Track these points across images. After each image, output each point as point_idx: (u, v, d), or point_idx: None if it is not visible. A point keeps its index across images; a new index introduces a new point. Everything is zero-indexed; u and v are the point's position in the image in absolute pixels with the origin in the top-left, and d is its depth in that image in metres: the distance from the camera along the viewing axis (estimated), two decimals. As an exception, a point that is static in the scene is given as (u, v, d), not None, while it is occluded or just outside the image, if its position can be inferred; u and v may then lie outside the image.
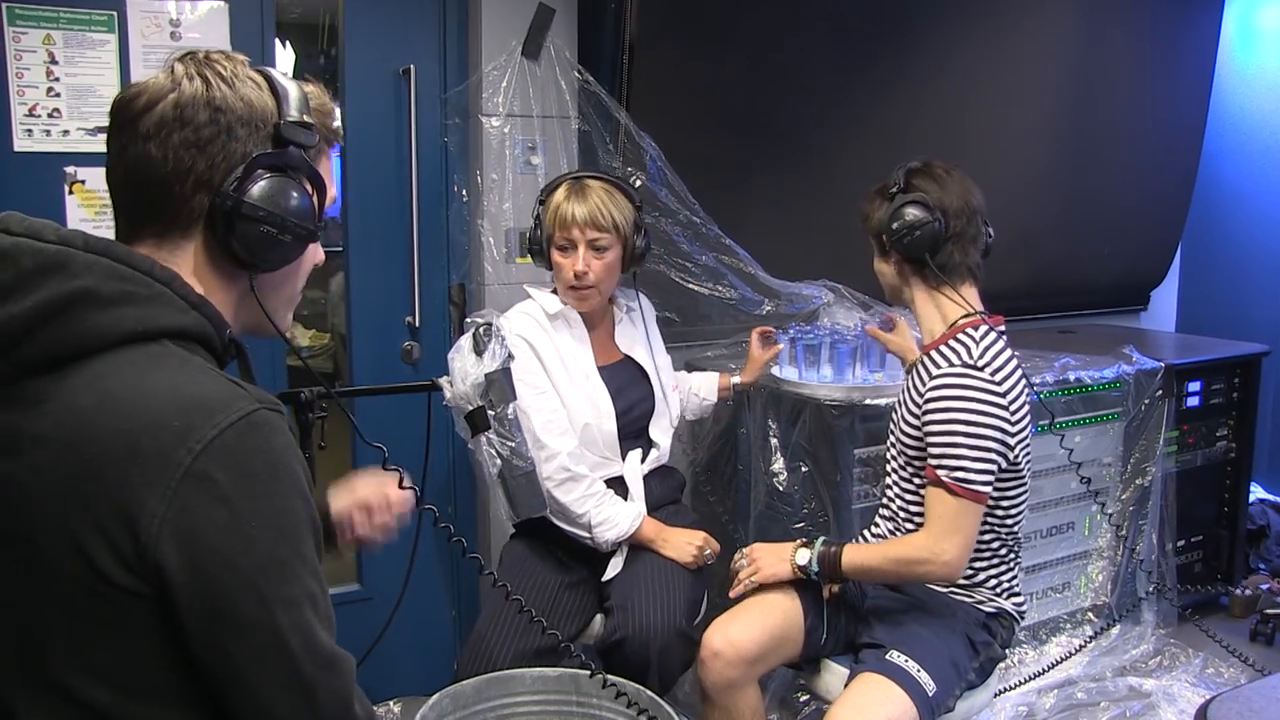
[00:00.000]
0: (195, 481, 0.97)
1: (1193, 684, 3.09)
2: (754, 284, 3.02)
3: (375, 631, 2.66)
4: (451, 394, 2.34)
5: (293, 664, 1.03)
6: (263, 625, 1.01)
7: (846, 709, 1.94)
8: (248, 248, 1.12)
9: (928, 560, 2.00)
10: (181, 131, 1.08)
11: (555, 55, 2.92)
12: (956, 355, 2.07)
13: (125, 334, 1.03)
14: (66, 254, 1.03)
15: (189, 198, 1.10)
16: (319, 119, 1.20)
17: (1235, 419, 3.66)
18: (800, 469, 2.81)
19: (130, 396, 1.00)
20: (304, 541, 1.05)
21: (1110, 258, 4.16)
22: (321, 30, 3.18)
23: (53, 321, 1.01)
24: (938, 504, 2.01)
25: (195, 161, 1.09)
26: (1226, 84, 4.29)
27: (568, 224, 2.32)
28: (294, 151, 1.15)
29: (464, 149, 2.95)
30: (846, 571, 2.08)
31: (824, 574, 2.10)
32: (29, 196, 2.42)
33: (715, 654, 2.10)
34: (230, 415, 1.00)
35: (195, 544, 0.97)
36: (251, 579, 1.00)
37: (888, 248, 2.14)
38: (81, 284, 1.02)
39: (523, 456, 2.26)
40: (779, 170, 3.23)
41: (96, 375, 1.02)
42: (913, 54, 3.38)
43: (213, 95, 1.09)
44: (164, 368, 1.03)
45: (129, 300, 1.04)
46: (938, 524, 2.00)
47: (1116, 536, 3.29)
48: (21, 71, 2.41)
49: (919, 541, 2.03)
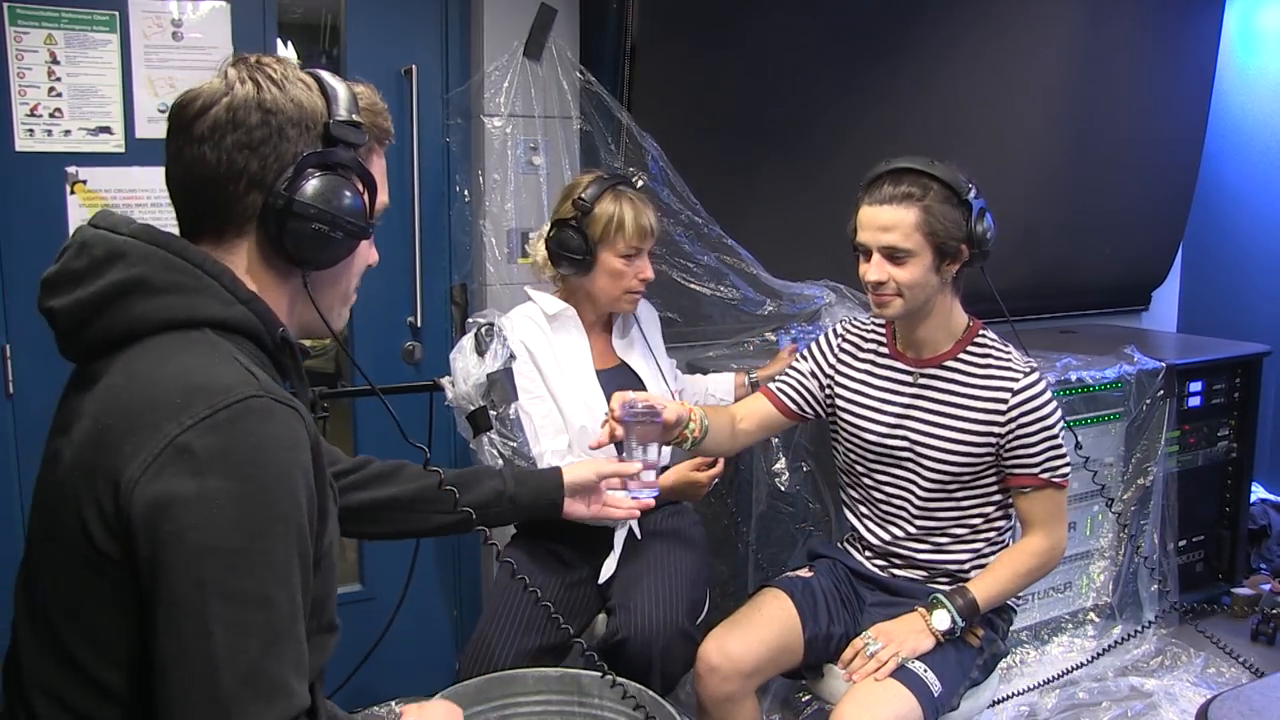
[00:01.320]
0: (175, 452, 0.98)
1: (1194, 684, 3.09)
2: (756, 284, 3.02)
3: (377, 632, 2.68)
4: (453, 394, 2.35)
5: (210, 665, 0.95)
6: (191, 610, 0.95)
7: (853, 708, 1.93)
8: (299, 245, 1.15)
9: (1052, 560, 2.11)
10: (235, 134, 1.11)
11: (557, 55, 2.92)
12: (1008, 364, 2.08)
13: (169, 320, 1.07)
14: (130, 244, 1.09)
15: (242, 197, 1.13)
16: (369, 118, 1.23)
17: (1236, 419, 3.67)
18: (802, 469, 2.81)
19: (148, 376, 1.04)
20: (274, 538, 1.00)
21: (1112, 258, 4.15)
22: (323, 30, 3.18)
23: (110, 306, 1.07)
24: (1047, 504, 2.09)
25: (248, 162, 1.12)
26: (1227, 85, 4.28)
27: (646, 234, 2.36)
28: (343, 150, 1.17)
29: (466, 149, 2.95)
30: (985, 605, 2.09)
31: (968, 618, 2.07)
32: (31, 196, 2.42)
33: (712, 669, 2.07)
34: (229, 397, 1.01)
35: (158, 509, 0.97)
36: (195, 556, 0.96)
37: (964, 256, 2.02)
38: (138, 272, 1.07)
39: (524, 456, 2.26)
40: (781, 170, 3.23)
41: (133, 357, 1.06)
42: (916, 54, 3.38)
43: (264, 98, 1.12)
44: (189, 352, 1.06)
45: (177, 289, 1.08)
46: (1052, 521, 2.10)
47: (1120, 536, 3.29)
48: (23, 71, 2.41)
49: (1037, 545, 2.10)
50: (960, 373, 2.10)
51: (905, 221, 1.97)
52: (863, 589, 2.25)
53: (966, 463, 2.09)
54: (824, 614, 2.15)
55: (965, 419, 2.08)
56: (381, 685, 2.98)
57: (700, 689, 2.10)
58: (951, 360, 2.11)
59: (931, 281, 2.02)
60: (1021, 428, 2.03)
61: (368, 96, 1.26)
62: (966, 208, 1.98)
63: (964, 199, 1.98)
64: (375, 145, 1.27)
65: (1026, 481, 2.07)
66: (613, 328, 2.51)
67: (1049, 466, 2.06)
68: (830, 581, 2.22)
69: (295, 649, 1.02)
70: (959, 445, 2.08)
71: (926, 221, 1.96)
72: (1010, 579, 2.10)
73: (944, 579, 2.19)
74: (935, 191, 1.97)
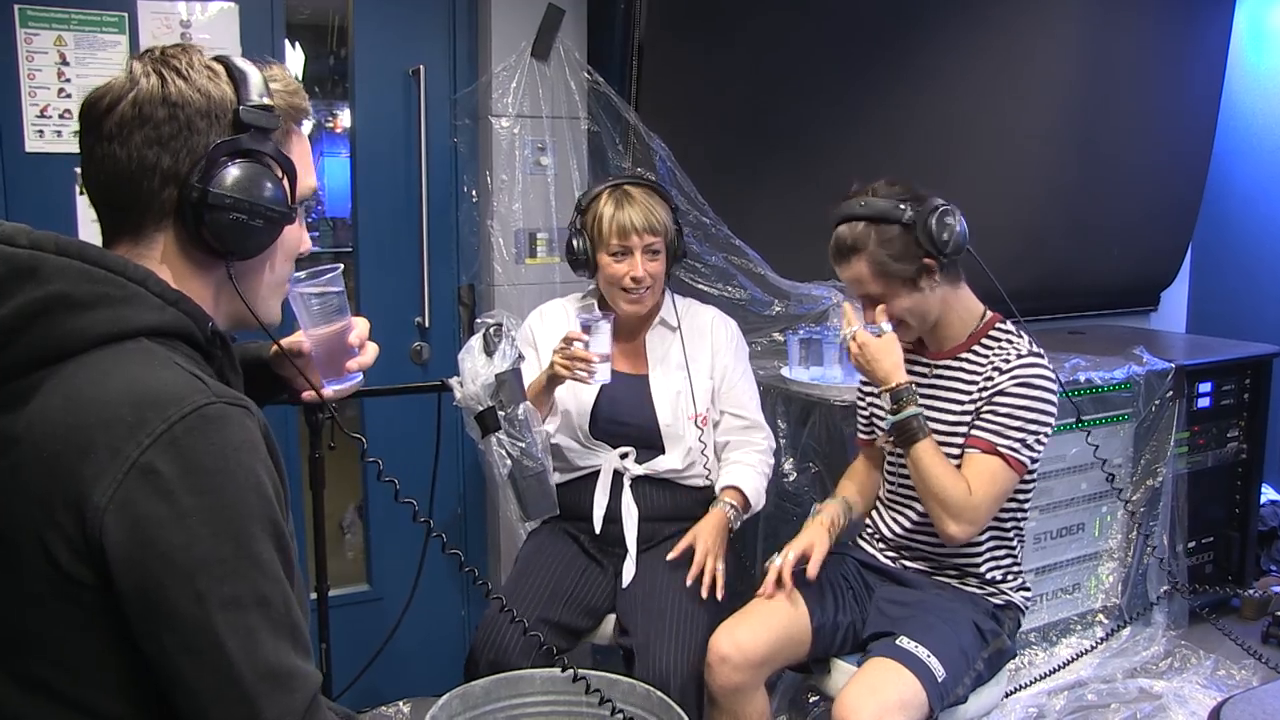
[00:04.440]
0: (140, 474, 0.97)
1: (1204, 686, 3.08)
2: (763, 285, 3.02)
3: (385, 632, 2.68)
4: (461, 394, 2.34)
5: (231, 670, 0.99)
6: (198, 623, 0.98)
7: (858, 690, 1.95)
8: (218, 236, 1.12)
9: (961, 512, 2.01)
10: (142, 130, 1.09)
11: (565, 56, 2.92)
12: (1015, 347, 2.09)
13: (101, 336, 1.04)
14: (38, 259, 1.04)
15: (158, 193, 1.11)
16: (283, 99, 1.20)
17: (1246, 420, 3.65)
18: (810, 469, 2.81)
19: (92, 394, 1.01)
20: (255, 540, 1.01)
21: (1120, 258, 4.14)
22: (331, 31, 3.19)
23: (30, 328, 1.03)
24: (985, 469, 2.03)
25: (160, 158, 1.09)
26: (1237, 85, 4.27)
27: (627, 231, 2.33)
28: (256, 135, 1.14)
29: (473, 149, 2.95)
30: (912, 453, 2.04)
31: (897, 436, 2.07)
32: (40, 197, 2.43)
33: (722, 658, 2.10)
34: (183, 408, 0.99)
35: (135, 536, 0.96)
36: (188, 574, 0.97)
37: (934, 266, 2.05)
38: (55, 289, 1.03)
39: (533, 457, 2.26)
40: (788, 171, 3.22)
41: (67, 375, 1.03)
42: (924, 55, 3.37)
43: (168, 91, 1.10)
44: (129, 364, 1.04)
45: (104, 302, 1.05)
46: (982, 486, 2.02)
47: (1129, 537, 3.29)
48: (33, 73, 2.42)
49: (962, 493, 2.01)
50: (971, 363, 2.14)
51: (862, 273, 2.08)
52: (872, 579, 2.28)
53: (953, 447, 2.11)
54: (831, 604, 2.18)
55: (967, 405, 2.10)
56: (389, 685, 2.98)
57: (711, 679, 2.12)
58: (965, 351, 2.15)
59: (920, 300, 2.09)
60: (1000, 395, 2.04)
61: (281, 77, 1.21)
62: (907, 227, 2.02)
63: (901, 221, 2.01)
64: (293, 126, 1.23)
65: (977, 443, 2.05)
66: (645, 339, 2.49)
67: (1006, 440, 2.02)
68: (838, 573, 2.25)
69: (297, 634, 1.05)
70: (948, 430, 2.12)
71: (875, 265, 2.05)
72: (938, 473, 2.02)
73: (952, 571, 2.21)
74: (872, 233, 2.04)
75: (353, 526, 3.68)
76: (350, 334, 1.50)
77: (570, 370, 2.22)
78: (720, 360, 2.50)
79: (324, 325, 1.46)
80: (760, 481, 2.44)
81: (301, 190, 1.23)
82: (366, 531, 3.07)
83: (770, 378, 2.90)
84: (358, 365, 1.54)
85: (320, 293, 1.43)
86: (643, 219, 2.34)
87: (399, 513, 2.84)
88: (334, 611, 2.64)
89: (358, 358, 1.54)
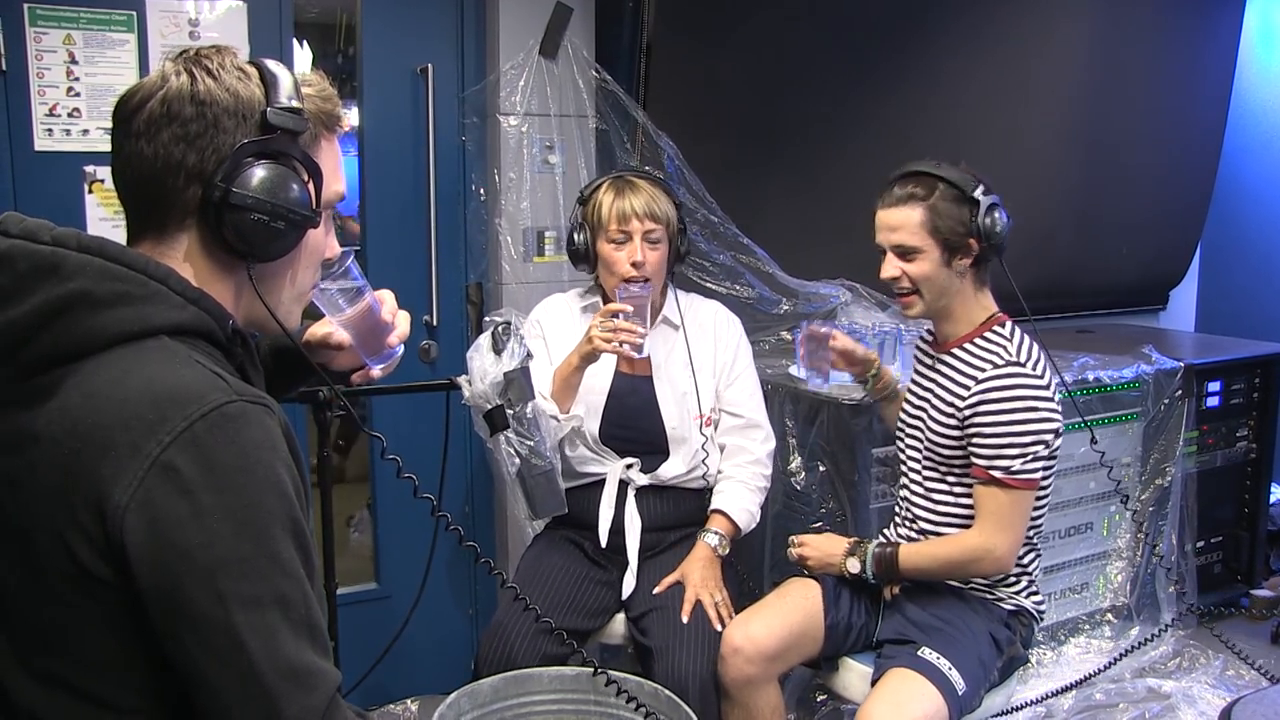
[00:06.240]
0: (161, 472, 0.97)
1: (1212, 686, 3.07)
2: (772, 283, 3.01)
3: (393, 630, 2.68)
4: (470, 393, 2.34)
5: (252, 669, 0.99)
6: (219, 623, 0.98)
7: (882, 704, 1.95)
8: (240, 236, 1.12)
9: (981, 558, 2.05)
10: (170, 127, 1.09)
11: (573, 54, 2.92)
12: (996, 355, 2.08)
13: (122, 333, 1.04)
14: (60, 255, 1.04)
15: (182, 191, 1.10)
16: (315, 104, 1.19)
17: (1255, 419, 3.64)
18: (818, 468, 2.80)
19: (112, 392, 1.01)
20: (275, 539, 1.01)
21: (1129, 257, 4.13)
22: (339, 30, 3.19)
23: (51, 325, 1.03)
24: (990, 501, 2.04)
25: (185, 156, 1.09)
26: (1247, 83, 4.26)
27: (626, 216, 2.32)
28: (283, 138, 1.14)
29: (481, 148, 2.95)
30: (903, 574, 2.12)
31: (881, 578, 2.14)
32: (49, 196, 2.44)
33: (735, 650, 2.11)
34: (203, 406, 0.99)
35: (155, 535, 0.97)
36: (209, 574, 0.97)
37: (974, 249, 2.07)
38: (76, 286, 1.03)
39: (541, 455, 2.26)
40: (797, 169, 3.22)
41: (89, 373, 1.03)
42: (932, 53, 3.36)
43: (197, 89, 1.10)
44: (149, 362, 1.04)
45: (125, 300, 1.05)
46: (990, 520, 2.04)
47: (1137, 536, 3.28)
48: (42, 71, 2.43)
49: (971, 541, 2.06)
50: (960, 359, 2.13)
51: (911, 220, 2.07)
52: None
53: (945, 445, 2.12)
54: (846, 604, 2.19)
55: (948, 403, 2.11)
56: (397, 684, 2.98)
57: (723, 671, 2.13)
58: (959, 347, 2.15)
59: (944, 275, 2.09)
60: (978, 415, 2.04)
61: (315, 83, 1.22)
62: (973, 204, 2.05)
63: (970, 195, 2.05)
64: (324, 131, 1.23)
65: (976, 473, 2.06)
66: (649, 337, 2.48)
67: (998, 463, 2.02)
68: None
69: (316, 632, 1.06)
70: (939, 428, 2.13)
71: (931, 219, 2.06)
72: (932, 561, 2.11)
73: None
74: (941, 191, 2.06)
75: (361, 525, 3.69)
76: (382, 310, 1.50)
77: (612, 343, 2.20)
78: (723, 355, 2.49)
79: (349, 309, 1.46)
80: (752, 500, 2.42)
81: (328, 195, 1.22)
82: (375, 530, 3.08)
83: (778, 376, 2.90)
84: (398, 339, 1.55)
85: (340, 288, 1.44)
86: (644, 205, 2.34)
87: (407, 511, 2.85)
88: (342, 609, 2.64)
89: (395, 331, 1.54)
